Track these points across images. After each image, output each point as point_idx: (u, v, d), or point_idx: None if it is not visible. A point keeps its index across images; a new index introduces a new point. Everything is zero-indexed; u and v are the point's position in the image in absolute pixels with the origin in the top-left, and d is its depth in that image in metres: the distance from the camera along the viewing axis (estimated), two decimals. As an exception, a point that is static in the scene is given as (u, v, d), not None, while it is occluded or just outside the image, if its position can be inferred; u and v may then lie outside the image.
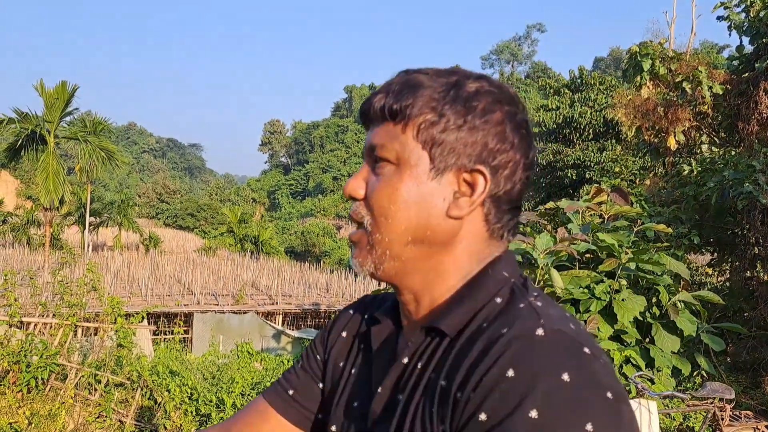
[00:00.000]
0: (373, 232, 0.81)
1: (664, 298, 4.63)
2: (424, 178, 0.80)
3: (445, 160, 0.80)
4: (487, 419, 0.66)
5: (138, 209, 55.75)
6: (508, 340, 0.69)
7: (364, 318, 0.97)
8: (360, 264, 0.83)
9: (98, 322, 7.00)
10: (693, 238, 7.42)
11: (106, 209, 32.68)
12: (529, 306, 0.75)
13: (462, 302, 0.79)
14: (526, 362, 0.67)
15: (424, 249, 0.81)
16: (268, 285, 18.64)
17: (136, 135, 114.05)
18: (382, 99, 0.82)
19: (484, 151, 0.80)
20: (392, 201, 0.80)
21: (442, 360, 0.76)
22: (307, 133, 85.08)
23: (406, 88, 0.81)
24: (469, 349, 0.73)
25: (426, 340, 0.80)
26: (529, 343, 0.68)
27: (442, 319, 0.78)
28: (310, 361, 1.01)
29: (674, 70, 9.73)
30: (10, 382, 5.92)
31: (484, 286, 0.80)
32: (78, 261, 16.76)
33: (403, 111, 0.80)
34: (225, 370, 7.22)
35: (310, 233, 48.89)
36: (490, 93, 0.81)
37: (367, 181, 0.83)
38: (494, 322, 0.74)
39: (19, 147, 22.44)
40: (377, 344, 0.89)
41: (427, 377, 0.77)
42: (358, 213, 0.83)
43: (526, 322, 0.71)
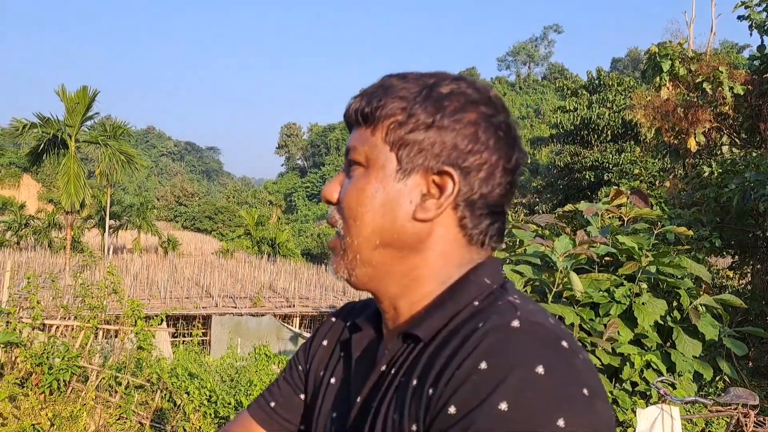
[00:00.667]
0: (345, 236, 0.81)
1: (685, 302, 4.57)
2: (390, 180, 0.78)
3: (412, 161, 0.78)
4: (456, 412, 0.64)
5: (156, 212, 56.26)
6: (484, 331, 0.67)
7: (346, 325, 0.95)
8: (335, 270, 0.83)
9: (118, 325, 7.07)
10: (714, 240, 7.32)
11: (126, 212, 33.04)
12: (507, 302, 0.73)
13: (440, 308, 0.77)
14: (500, 354, 0.64)
15: (394, 252, 0.79)
16: (285, 287, 18.69)
17: (154, 138, 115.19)
18: (357, 103, 0.82)
19: (453, 152, 0.77)
20: (359, 203, 0.79)
21: (414, 363, 0.74)
22: (323, 136, 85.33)
23: (379, 91, 0.81)
24: (443, 348, 0.71)
25: (403, 346, 0.78)
26: (505, 335, 0.66)
27: (419, 325, 0.76)
28: (292, 373, 1.00)
29: (694, 71, 9.61)
30: (33, 383, 5.98)
31: (464, 291, 0.77)
32: (98, 264, 16.95)
33: (374, 113, 0.79)
34: (243, 372, 7.25)
35: (327, 235, 48.94)
36: (463, 94, 0.79)
37: (342, 184, 0.83)
38: (470, 321, 0.72)
39: (41, 151, 22.75)
40: (358, 352, 0.87)
41: (398, 381, 0.75)
42: (333, 218, 0.83)
43: (503, 315, 0.70)
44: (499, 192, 0.79)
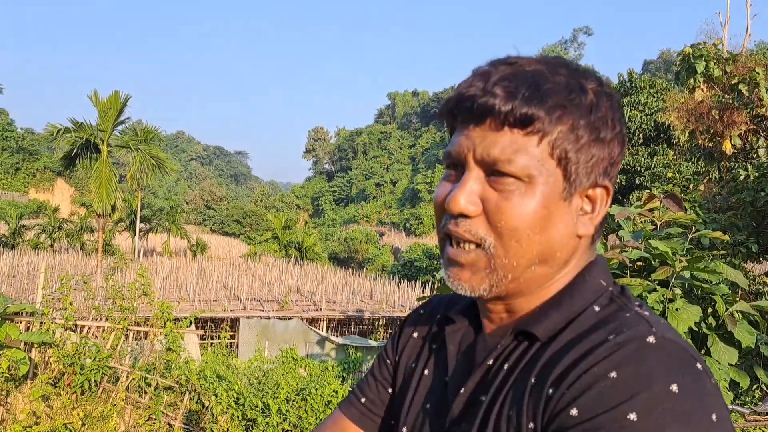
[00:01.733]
0: (498, 255, 0.74)
1: (720, 308, 4.47)
2: (557, 199, 0.73)
3: (579, 180, 0.74)
4: (578, 414, 0.64)
5: (186, 216, 57.01)
6: (616, 343, 0.66)
7: (435, 318, 0.94)
8: (471, 288, 0.76)
9: (148, 326, 7.14)
10: (751, 245, 7.15)
11: (156, 216, 33.52)
12: (635, 314, 0.72)
13: (557, 308, 0.76)
14: (633, 365, 0.64)
15: (546, 269, 0.76)
16: (313, 291, 18.74)
17: (184, 143, 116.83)
18: (508, 101, 0.71)
19: (609, 165, 0.76)
20: (527, 224, 0.72)
21: (532, 362, 0.73)
22: (350, 140, 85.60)
23: (534, 91, 0.71)
24: (566, 352, 0.70)
25: (513, 343, 0.77)
26: (640, 348, 0.65)
27: (535, 323, 0.75)
28: (381, 368, 0.99)
29: (729, 72, 9.40)
30: (65, 383, 6.07)
31: (580, 292, 0.76)
32: (129, 266, 17.19)
33: (538, 120, 0.71)
34: (270, 375, 7.27)
35: (353, 240, 49.08)
36: (608, 97, 0.76)
37: (481, 196, 0.74)
38: (595, 330, 0.71)
39: (74, 155, 23.19)
40: (453, 344, 0.86)
41: (514, 378, 0.74)
42: (475, 233, 0.74)
43: (636, 328, 0.68)
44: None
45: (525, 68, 0.74)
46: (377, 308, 16.69)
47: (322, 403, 6.58)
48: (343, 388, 7.00)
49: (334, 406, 6.62)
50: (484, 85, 0.72)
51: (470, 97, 0.73)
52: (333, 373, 7.79)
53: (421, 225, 54.72)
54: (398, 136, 79.49)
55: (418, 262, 33.68)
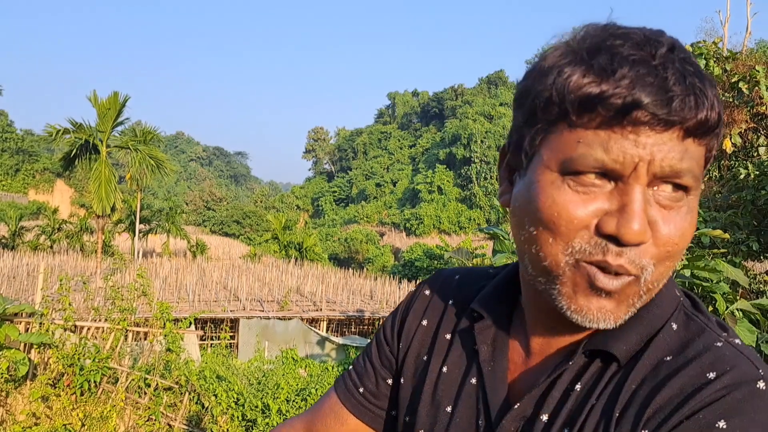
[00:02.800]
0: (652, 280, 0.63)
1: (721, 307, 4.46)
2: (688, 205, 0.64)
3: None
4: None
5: (185, 216, 57.02)
6: (724, 386, 0.59)
7: (448, 303, 0.86)
8: (616, 319, 0.64)
9: (148, 327, 7.14)
10: (751, 244, 7.14)
11: (155, 217, 33.49)
12: (728, 345, 0.64)
13: (636, 324, 0.67)
14: (745, 415, 0.57)
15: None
16: (313, 291, 18.73)
17: (183, 144, 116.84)
18: (703, 109, 0.59)
19: None
20: (687, 242, 0.64)
21: (613, 388, 0.65)
22: (350, 140, 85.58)
23: (712, 91, 0.60)
24: (660, 386, 0.62)
25: (584, 360, 0.69)
26: (750, 396, 0.58)
27: (613, 342, 0.66)
28: (381, 355, 0.90)
29: (730, 70, 9.40)
30: (65, 384, 6.07)
31: (659, 305, 0.68)
32: (128, 267, 17.20)
33: (718, 128, 0.61)
34: (270, 375, 7.27)
35: (354, 240, 49.09)
36: None
37: (648, 217, 0.61)
38: (689, 359, 0.63)
39: (74, 156, 23.18)
40: (486, 346, 0.78)
41: (591, 404, 0.65)
42: (639, 262, 0.62)
43: (740, 368, 0.61)
44: None
45: (686, 55, 0.61)
46: (378, 308, 16.68)
47: (323, 403, 6.58)
48: (343, 389, 7.00)
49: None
50: (663, 85, 0.58)
51: (651, 103, 0.58)
52: (333, 374, 7.78)
53: (421, 225, 54.70)
54: (398, 136, 79.46)
55: (419, 263, 33.66)
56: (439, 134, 71.14)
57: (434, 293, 0.89)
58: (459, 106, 71.88)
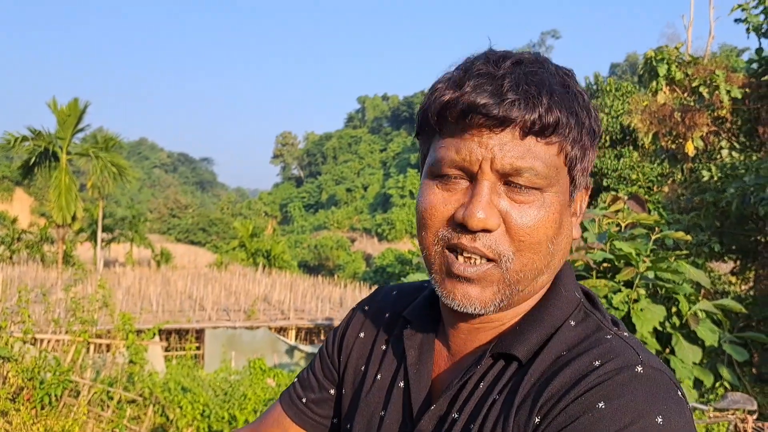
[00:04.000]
0: (514, 269, 0.71)
1: (684, 308, 4.56)
2: (566, 205, 0.73)
3: (579, 184, 0.75)
4: None
5: (149, 225, 56.16)
6: (606, 371, 0.66)
7: (384, 316, 0.92)
8: (482, 304, 0.72)
9: (110, 339, 7.02)
10: (713, 245, 7.30)
11: (118, 225, 32.96)
12: (617, 337, 0.71)
13: (536, 326, 0.74)
14: (622, 397, 0.63)
15: (546, 276, 0.75)
16: (281, 300, 18.60)
17: (147, 150, 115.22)
18: (534, 110, 0.67)
19: (592, 166, 0.76)
20: (549, 235, 0.71)
21: (513, 384, 0.71)
22: (319, 145, 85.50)
23: (551, 96, 0.69)
24: (553, 377, 0.68)
25: (490, 362, 0.75)
26: (629, 379, 0.65)
27: (516, 344, 0.73)
28: (323, 365, 0.96)
29: (691, 75, 9.62)
30: (24, 399, 5.92)
31: (556, 307, 0.75)
32: (90, 277, 16.84)
33: (560, 127, 0.69)
34: (237, 386, 7.18)
35: (324, 246, 48.90)
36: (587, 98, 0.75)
37: (500, 208, 0.70)
38: (580, 352, 0.70)
39: (33, 164, 22.71)
40: (413, 350, 0.83)
41: (492, 399, 0.72)
42: (495, 248, 0.70)
43: (624, 356, 0.67)
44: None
45: (533, 69, 0.70)
46: (347, 315, 16.65)
47: (291, 412, 6.53)
48: (312, 397, 6.94)
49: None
50: (498, 90, 0.68)
51: (485, 105, 0.67)
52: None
53: (393, 230, 54.78)
54: (369, 141, 79.64)
55: (390, 268, 33.72)
56: (410, 138, 71.50)
57: (372, 308, 0.96)
58: (428, 111, 72.33)
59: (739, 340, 5.08)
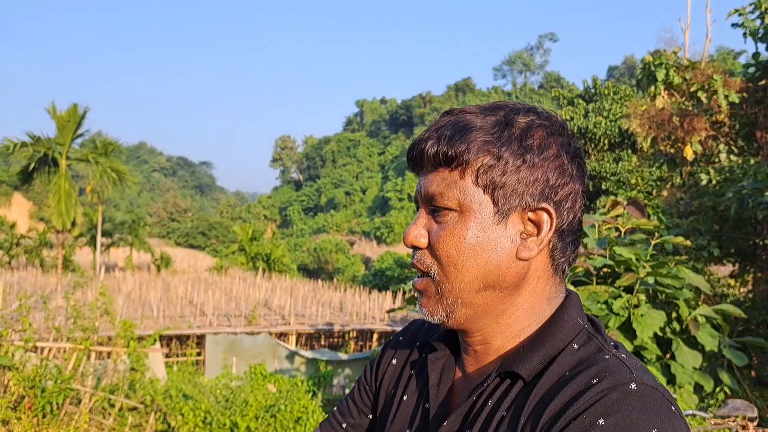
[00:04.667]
0: (442, 281, 0.82)
1: (684, 313, 4.56)
2: (489, 223, 0.80)
3: (508, 203, 0.80)
4: None
5: (149, 229, 56.05)
6: (602, 389, 0.70)
7: (415, 344, 0.99)
8: (430, 313, 0.84)
9: (111, 346, 7.00)
10: (712, 249, 7.30)
11: (117, 229, 32.89)
12: (614, 358, 0.76)
13: (538, 348, 0.80)
14: (619, 413, 0.68)
15: (496, 293, 0.82)
16: (281, 305, 18.56)
17: (146, 154, 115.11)
18: (434, 145, 0.81)
19: (546, 188, 0.80)
20: (460, 250, 0.80)
21: (519, 401, 0.77)
22: (318, 148, 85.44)
23: (456, 132, 0.80)
24: (555, 395, 0.73)
25: (497, 380, 0.81)
26: (623, 396, 0.70)
27: (519, 363, 0.79)
28: (360, 393, 1.05)
29: (689, 79, 9.62)
30: (26, 407, 5.92)
31: (560, 331, 0.80)
32: (91, 283, 16.81)
33: (459, 156, 0.80)
34: (238, 392, 7.16)
35: (323, 250, 48.83)
36: (541, 126, 0.82)
37: (428, 229, 0.83)
38: (580, 371, 0.75)
39: (32, 170, 22.68)
40: (435, 373, 0.90)
41: (500, 416, 0.78)
42: (424, 262, 0.83)
43: (619, 374, 0.72)
44: (580, 216, 0.84)
45: (459, 115, 0.83)
46: (347, 320, 16.60)
47: (292, 419, 6.51)
48: (313, 404, 6.92)
49: (304, 422, 6.54)
50: (423, 134, 0.84)
51: (416, 148, 0.84)
52: (303, 389, 7.69)
53: (392, 233, 54.71)
54: (367, 144, 79.60)
55: (389, 271, 33.69)
56: (408, 141, 71.47)
57: (406, 338, 1.03)
58: (427, 113, 72.42)
59: (738, 344, 5.08)
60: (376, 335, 16.21)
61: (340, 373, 13.17)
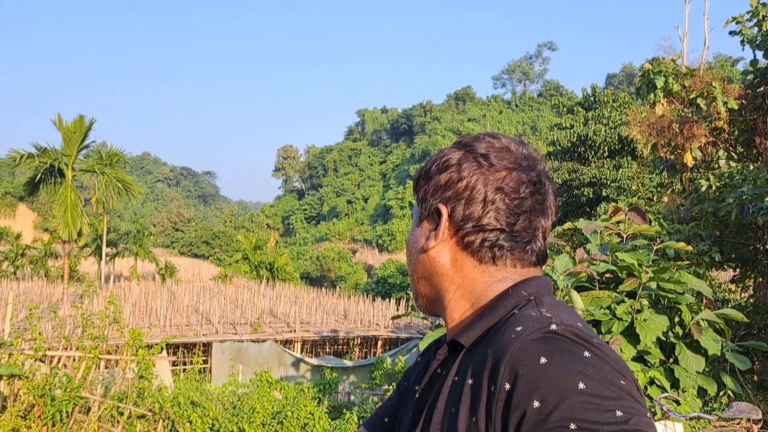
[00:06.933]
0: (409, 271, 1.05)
1: (686, 317, 4.57)
2: (414, 225, 1.03)
3: (424, 207, 0.99)
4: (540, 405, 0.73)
5: (153, 239, 56.05)
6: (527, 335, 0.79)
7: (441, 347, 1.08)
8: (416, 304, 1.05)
9: (119, 354, 7.03)
10: (714, 255, 7.33)
11: (122, 239, 32.88)
12: (538, 313, 0.85)
13: (478, 319, 0.91)
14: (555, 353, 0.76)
15: (427, 282, 0.99)
16: (286, 312, 18.58)
17: (150, 164, 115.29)
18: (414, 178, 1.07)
19: (436, 189, 0.97)
20: (407, 248, 1.04)
21: (463, 365, 0.87)
22: (320, 158, 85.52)
23: (422, 167, 1.05)
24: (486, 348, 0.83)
25: (445, 352, 0.95)
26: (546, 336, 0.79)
27: (461, 334, 0.91)
28: (399, 389, 1.17)
29: (688, 87, 9.68)
30: (36, 416, 5.94)
31: (500, 305, 0.90)
32: (98, 293, 16.86)
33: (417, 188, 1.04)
34: (245, 399, 7.20)
35: (326, 258, 48.81)
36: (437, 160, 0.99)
37: None
38: (506, 326, 0.84)
39: (38, 181, 22.75)
40: (435, 364, 0.99)
41: (451, 381, 0.88)
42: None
43: (537, 321, 0.81)
44: (491, 212, 0.92)
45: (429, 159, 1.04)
46: (352, 327, 16.62)
47: (299, 425, 6.55)
48: (319, 410, 6.96)
49: (310, 429, 6.57)
50: None
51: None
52: (309, 395, 7.75)
53: (393, 241, 54.67)
54: (369, 153, 79.68)
55: (392, 279, 33.66)
56: (409, 150, 71.53)
57: (436, 342, 1.13)
58: (428, 122, 72.48)
59: (740, 348, 5.10)
60: (380, 342, 16.22)
61: (345, 380, 13.18)
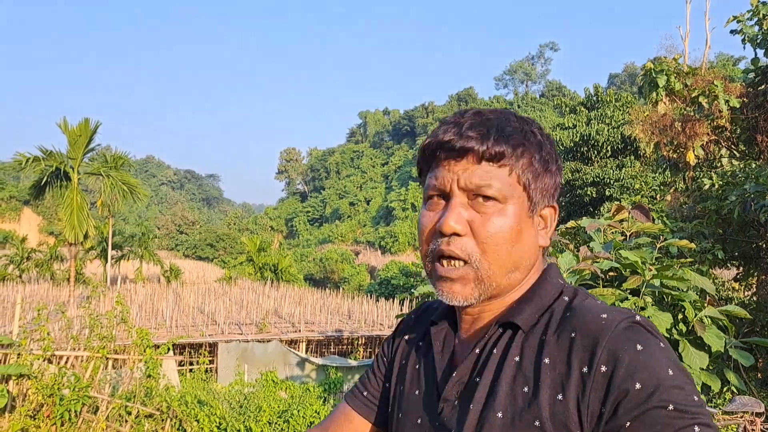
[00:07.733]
0: (484, 267, 0.91)
1: (690, 315, 4.59)
2: (525, 216, 0.93)
3: (538, 201, 0.94)
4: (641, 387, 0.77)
5: (158, 241, 56.16)
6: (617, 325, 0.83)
7: (427, 322, 1.10)
8: (464, 298, 0.93)
9: (127, 354, 7.08)
10: (717, 252, 7.34)
11: (127, 242, 32.98)
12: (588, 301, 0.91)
13: (530, 302, 0.93)
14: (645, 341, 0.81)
15: (519, 274, 0.94)
16: (290, 313, 18.64)
17: (154, 167, 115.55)
18: (483, 142, 0.90)
19: (554, 190, 0.98)
20: (506, 237, 0.90)
21: (526, 346, 0.89)
22: (322, 160, 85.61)
23: (499, 133, 0.91)
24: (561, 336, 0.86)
25: (498, 332, 0.93)
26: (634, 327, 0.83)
27: (514, 315, 0.92)
28: (378, 366, 1.18)
29: (690, 85, 9.69)
30: (44, 415, 6.00)
31: (546, 289, 0.94)
32: (104, 295, 16.94)
33: (506, 156, 0.91)
34: (251, 399, 7.25)
35: (329, 260, 48.85)
36: (548, 138, 0.97)
37: (467, 218, 0.91)
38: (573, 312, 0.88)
39: (44, 184, 22.82)
40: (438, 342, 1.03)
41: (513, 361, 0.89)
42: (464, 249, 0.91)
43: (620, 311, 0.86)
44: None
45: (489, 116, 0.94)
46: (356, 327, 16.66)
47: (305, 424, 6.59)
48: (324, 409, 7.01)
49: (317, 427, 6.62)
50: (459, 131, 0.92)
51: (449, 141, 0.92)
52: (314, 394, 7.79)
53: (396, 243, 54.66)
54: (371, 155, 79.71)
55: (395, 280, 33.68)
56: (411, 152, 71.50)
57: (418, 317, 1.17)
58: (430, 123, 72.45)
59: (744, 345, 5.13)
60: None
61: (350, 379, 13.20)
